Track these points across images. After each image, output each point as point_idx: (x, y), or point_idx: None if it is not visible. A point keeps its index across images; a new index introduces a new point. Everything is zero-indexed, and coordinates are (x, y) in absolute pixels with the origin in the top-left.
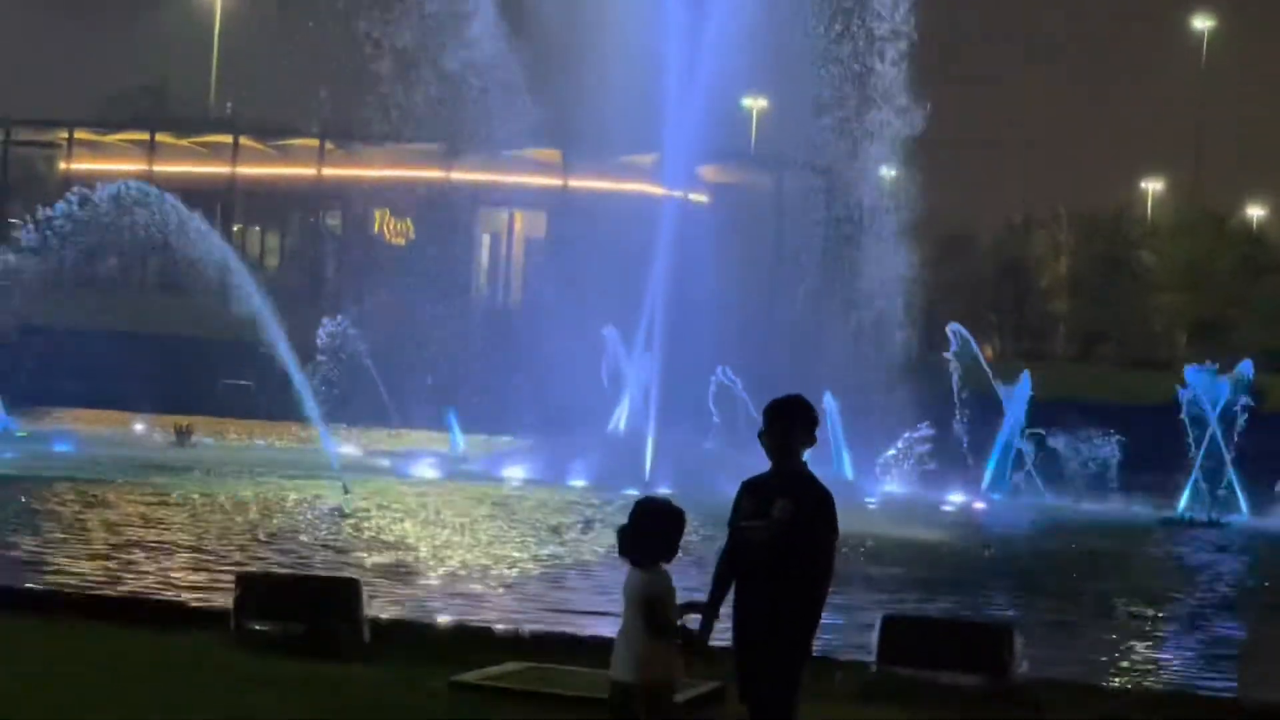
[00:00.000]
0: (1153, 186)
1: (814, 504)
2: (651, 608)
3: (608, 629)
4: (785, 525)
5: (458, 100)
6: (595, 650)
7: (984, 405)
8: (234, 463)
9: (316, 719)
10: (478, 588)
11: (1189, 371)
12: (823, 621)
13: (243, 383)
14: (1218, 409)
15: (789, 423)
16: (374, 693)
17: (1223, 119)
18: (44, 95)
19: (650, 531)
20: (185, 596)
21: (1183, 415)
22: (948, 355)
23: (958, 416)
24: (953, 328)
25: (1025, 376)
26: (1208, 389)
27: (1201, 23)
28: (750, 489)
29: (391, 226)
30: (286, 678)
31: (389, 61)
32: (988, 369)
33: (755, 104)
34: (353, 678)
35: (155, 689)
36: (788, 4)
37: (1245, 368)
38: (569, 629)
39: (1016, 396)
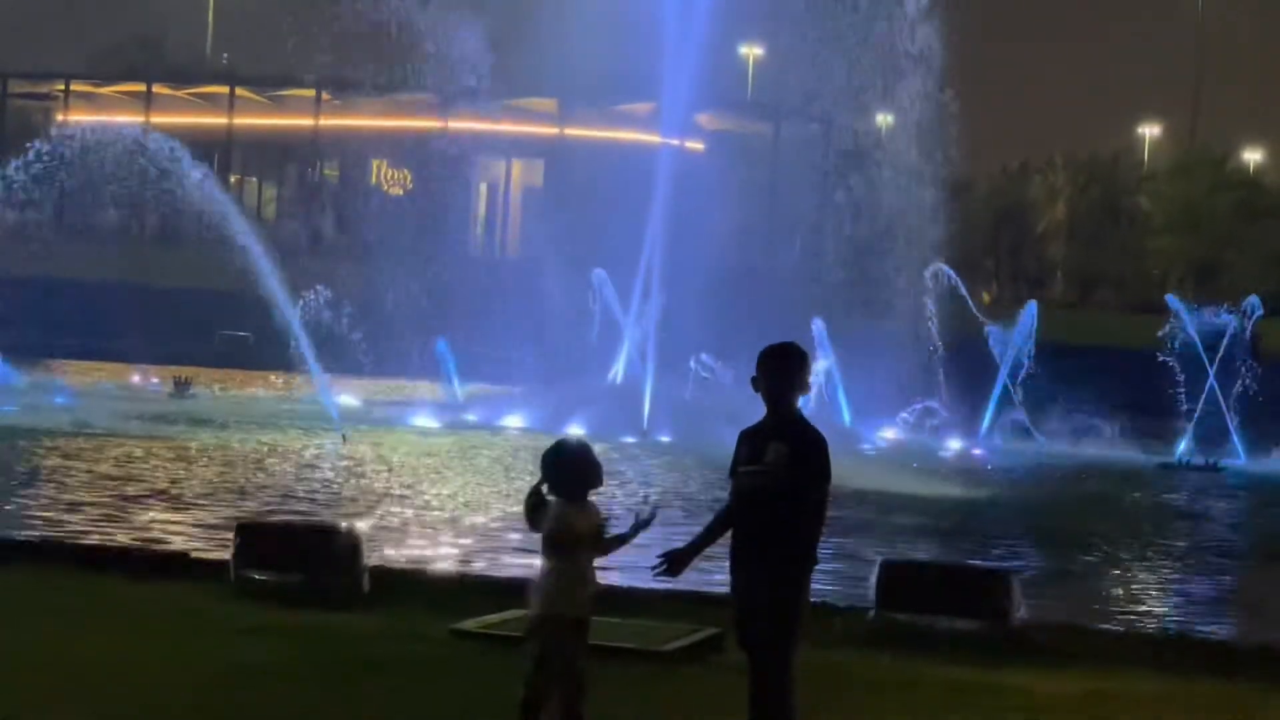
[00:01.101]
0: (1150, 131)
1: (805, 448)
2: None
3: (610, 576)
4: (778, 470)
5: (453, 49)
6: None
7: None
8: (232, 414)
9: (316, 668)
10: (477, 536)
11: (1171, 300)
12: (822, 567)
13: (240, 334)
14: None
15: (782, 369)
16: (373, 641)
17: (1220, 63)
18: (39, 48)
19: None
20: (183, 546)
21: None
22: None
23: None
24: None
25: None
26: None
27: None
28: (747, 436)
29: (389, 176)
30: (285, 627)
31: (383, 10)
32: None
33: (751, 51)
34: (352, 627)
35: (153, 639)
36: None
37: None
38: None
39: (1018, 332)
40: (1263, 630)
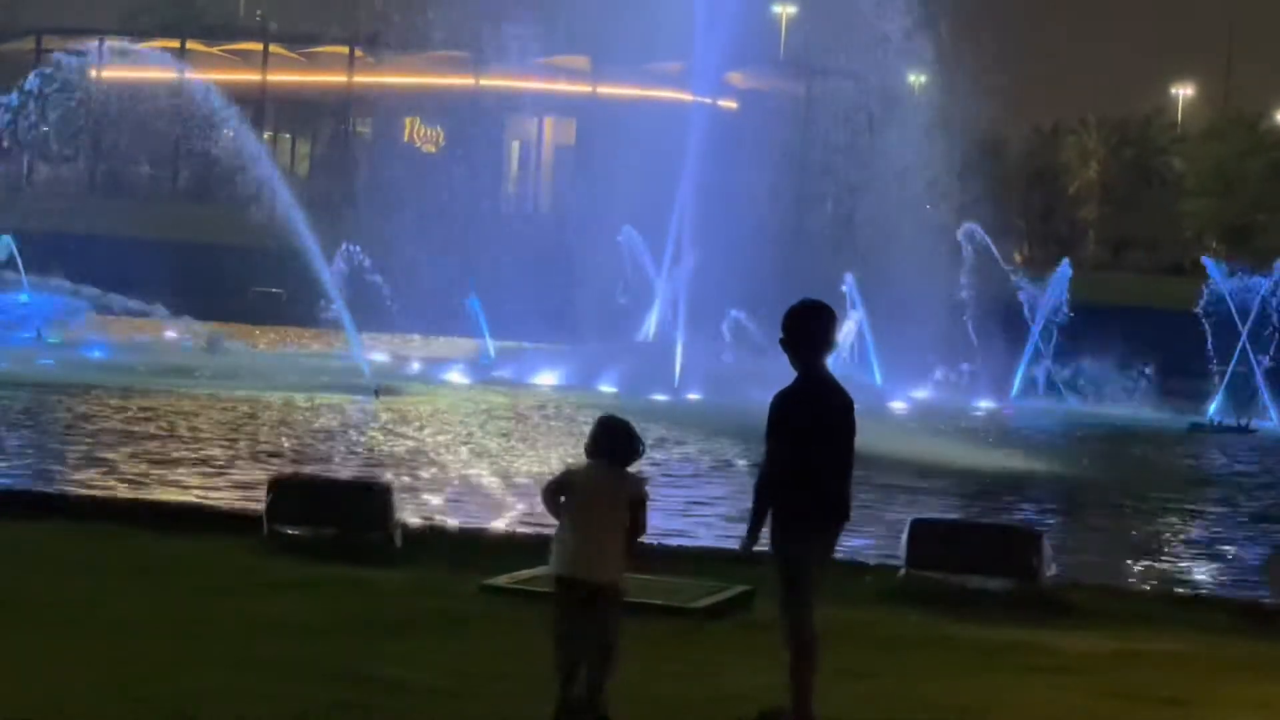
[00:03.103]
0: (1183, 92)
1: (845, 410)
2: (643, 505)
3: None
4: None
5: (487, 5)
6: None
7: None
8: (265, 369)
9: (347, 623)
10: (508, 492)
11: (1209, 266)
12: (852, 526)
13: (274, 290)
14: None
15: (810, 328)
16: (405, 596)
17: (1254, 24)
18: (73, 3)
19: (621, 443)
20: (217, 501)
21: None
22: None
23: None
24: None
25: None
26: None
27: None
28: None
29: (421, 134)
30: (318, 581)
31: None
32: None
33: (784, 10)
34: (384, 581)
35: (185, 592)
36: None
37: None
38: None
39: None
40: None
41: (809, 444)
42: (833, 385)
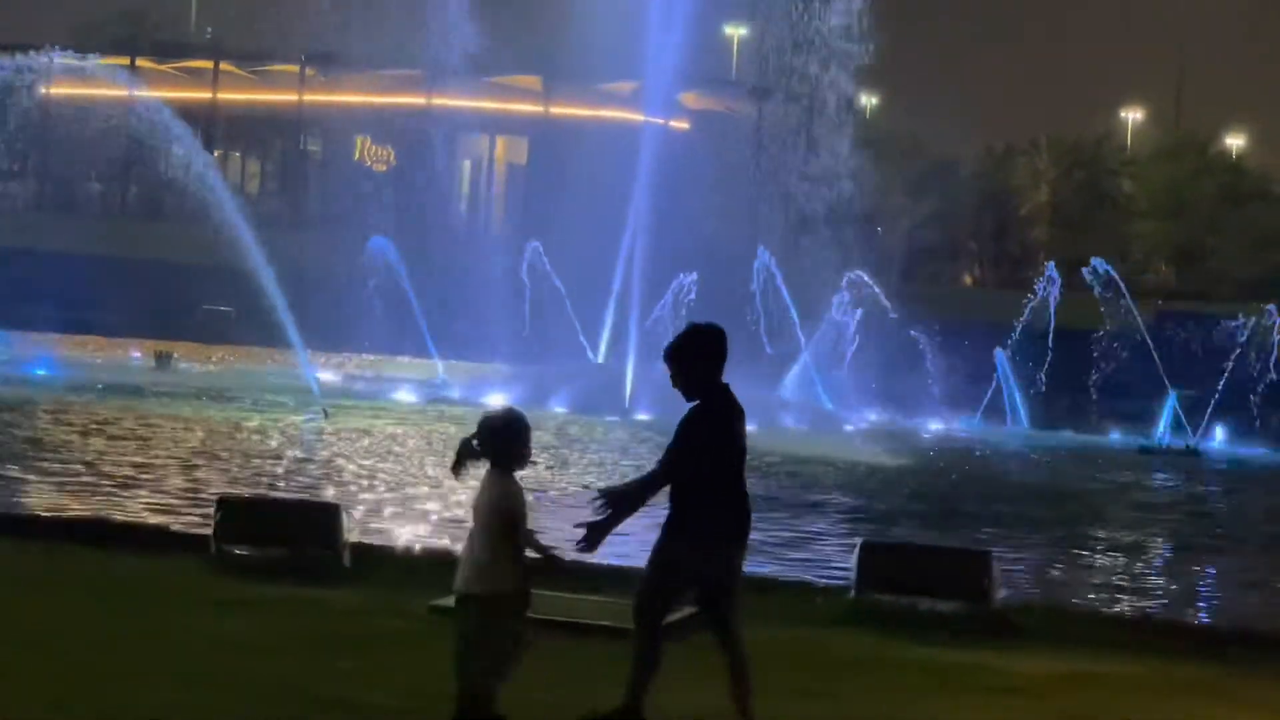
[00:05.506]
0: (1133, 115)
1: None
2: (502, 514)
3: (588, 554)
4: None
5: (439, 25)
6: (573, 574)
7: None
8: (214, 388)
9: (296, 642)
10: (458, 513)
11: None
12: (801, 548)
13: (223, 308)
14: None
15: (683, 360)
16: (354, 616)
17: (1204, 48)
18: (20, 21)
19: (499, 445)
20: (165, 520)
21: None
22: None
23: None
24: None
25: None
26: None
27: None
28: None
29: (372, 153)
30: (267, 601)
31: None
32: None
33: (736, 31)
34: (333, 601)
35: (134, 611)
36: None
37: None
38: None
39: None
40: (1241, 613)
41: (719, 463)
42: (735, 403)
